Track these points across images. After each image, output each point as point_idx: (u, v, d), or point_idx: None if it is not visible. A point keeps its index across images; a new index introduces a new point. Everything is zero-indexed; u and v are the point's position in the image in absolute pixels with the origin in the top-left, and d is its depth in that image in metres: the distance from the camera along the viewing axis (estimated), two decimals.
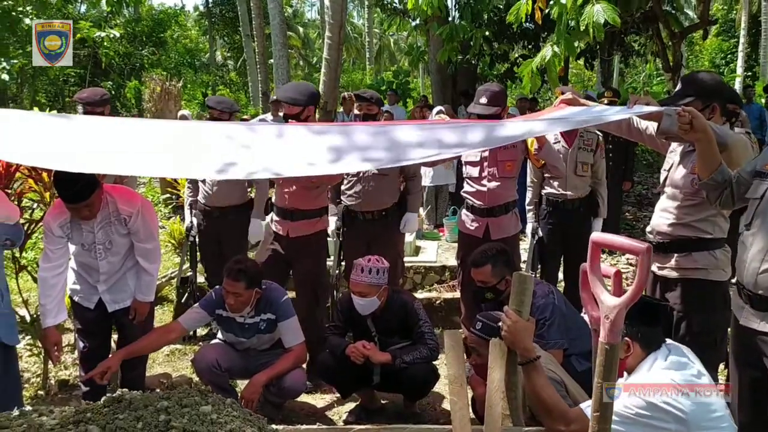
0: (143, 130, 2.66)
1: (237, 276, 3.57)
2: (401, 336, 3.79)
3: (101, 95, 4.73)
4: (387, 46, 36.91)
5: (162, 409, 1.75)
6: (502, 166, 4.29)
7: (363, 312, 3.71)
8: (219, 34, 27.36)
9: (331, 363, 3.80)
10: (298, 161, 2.48)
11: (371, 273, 3.63)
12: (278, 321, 3.74)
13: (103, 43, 14.05)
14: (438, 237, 7.25)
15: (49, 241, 3.53)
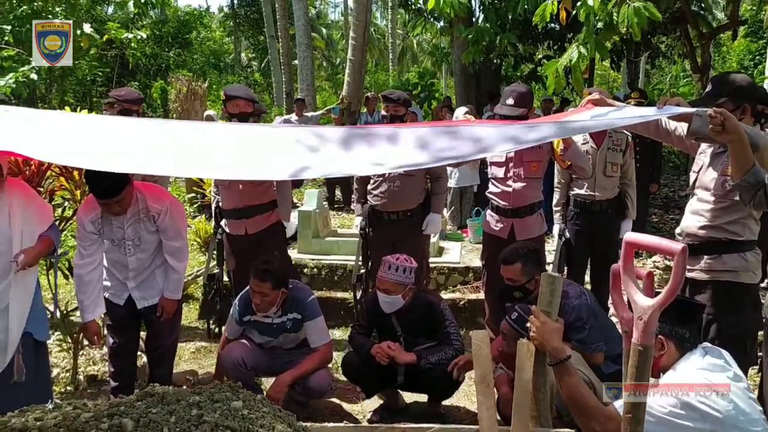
0: (209, 132, 2.77)
1: (264, 276, 3.60)
2: (426, 336, 3.79)
3: (137, 95, 4.88)
4: (410, 47, 36.88)
5: (194, 403, 1.78)
6: (528, 167, 4.27)
7: (387, 310, 3.72)
8: (244, 35, 27.57)
9: (356, 362, 3.81)
10: (364, 161, 2.56)
11: (398, 271, 3.64)
12: (304, 321, 3.77)
13: (130, 44, 14.24)
14: (461, 238, 7.24)
15: (82, 237, 3.60)
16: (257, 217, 4.36)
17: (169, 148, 2.49)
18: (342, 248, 6.24)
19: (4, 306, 3.18)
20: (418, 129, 2.80)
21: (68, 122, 2.85)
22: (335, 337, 5.29)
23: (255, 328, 3.84)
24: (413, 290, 3.73)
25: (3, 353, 3.18)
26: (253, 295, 3.66)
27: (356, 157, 2.50)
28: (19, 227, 3.26)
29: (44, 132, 2.63)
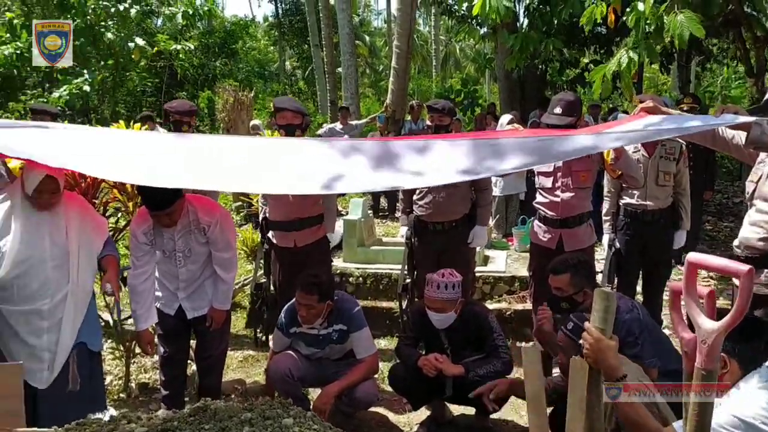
0: (247, 147, 2.89)
1: (310, 289, 3.62)
2: (473, 348, 3.75)
3: (189, 107, 4.99)
4: (453, 52, 36.79)
5: (246, 420, 1.78)
6: (576, 176, 4.19)
7: (440, 326, 3.69)
8: (288, 44, 27.91)
9: (403, 374, 3.79)
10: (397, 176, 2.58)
11: (447, 288, 3.61)
12: (350, 332, 3.77)
13: (178, 56, 14.59)
14: (507, 246, 7.16)
15: (135, 248, 3.68)
16: (306, 230, 4.36)
17: (207, 164, 2.59)
18: (387, 257, 6.23)
19: (58, 319, 3.27)
20: (453, 142, 2.80)
21: (109, 138, 3.00)
22: (381, 346, 5.29)
23: (302, 340, 3.86)
24: (462, 303, 3.70)
25: (52, 364, 3.25)
26: (299, 307, 3.68)
27: (389, 172, 2.52)
28: (75, 241, 3.35)
29: (87, 147, 2.77)
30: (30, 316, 3.24)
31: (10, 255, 3.18)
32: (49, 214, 3.28)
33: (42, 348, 3.27)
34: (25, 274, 3.21)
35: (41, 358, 3.27)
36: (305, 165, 2.64)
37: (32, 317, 3.24)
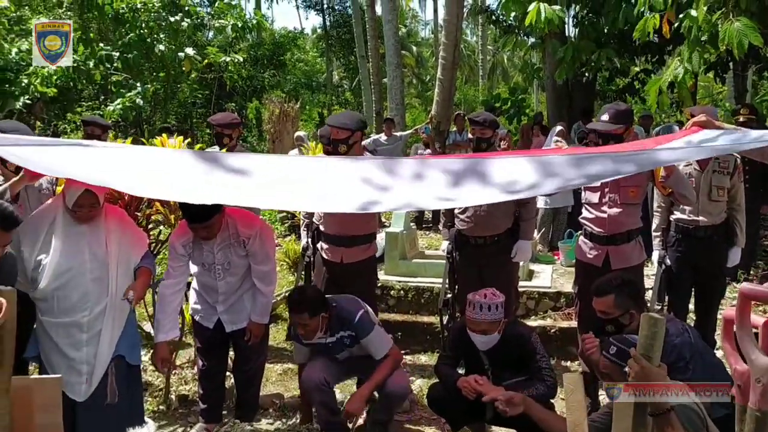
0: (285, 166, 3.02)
1: (299, 308, 3.55)
2: (515, 370, 3.63)
3: (231, 119, 5.00)
4: (500, 62, 36.49)
5: None
6: (625, 192, 4.03)
7: (483, 348, 3.59)
8: (335, 55, 28.14)
9: (442, 394, 3.70)
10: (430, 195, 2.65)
11: (489, 310, 3.49)
12: (359, 338, 3.69)
13: (227, 67, 14.84)
14: (553, 261, 6.98)
15: (172, 258, 3.71)
16: (355, 248, 4.25)
17: (243, 181, 2.71)
18: (429, 270, 6.14)
19: (97, 331, 3.30)
20: (488, 161, 2.77)
21: (145, 156, 3.12)
22: (421, 362, 5.21)
23: (318, 350, 3.80)
24: (505, 323, 3.59)
25: (90, 377, 3.28)
26: (296, 326, 3.63)
27: (424, 192, 2.53)
28: (115, 254, 3.39)
29: (124, 165, 2.92)
30: (70, 329, 3.28)
31: (51, 267, 3.24)
32: (89, 227, 3.33)
33: (81, 360, 3.31)
34: (65, 286, 3.26)
35: (80, 370, 3.31)
36: (340, 184, 2.65)
37: (72, 329, 3.28)
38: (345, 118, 4.28)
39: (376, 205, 2.59)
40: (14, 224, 2.95)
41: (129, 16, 12.91)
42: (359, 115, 4.51)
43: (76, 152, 3.02)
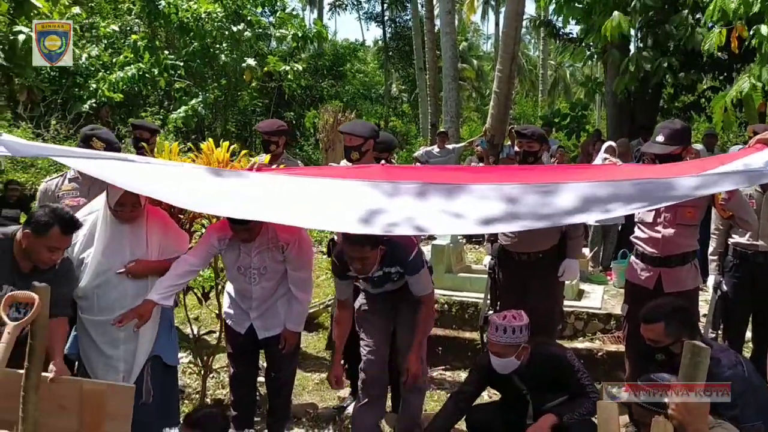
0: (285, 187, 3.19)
1: (362, 241, 3.37)
2: (554, 391, 3.48)
3: (277, 126, 4.96)
4: (563, 77, 35.95)
5: None
6: (682, 212, 3.82)
7: (501, 371, 3.47)
8: (394, 67, 28.24)
9: (482, 418, 3.58)
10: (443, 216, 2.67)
11: (506, 332, 3.37)
12: (407, 274, 3.63)
13: (287, 76, 15.06)
14: (605, 281, 6.73)
15: (202, 243, 3.66)
16: None
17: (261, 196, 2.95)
18: (474, 285, 6.00)
19: (136, 329, 3.32)
20: (510, 186, 2.71)
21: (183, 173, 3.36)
22: (461, 378, 5.07)
23: (362, 279, 3.72)
24: (527, 348, 3.44)
25: (128, 375, 3.31)
26: (352, 261, 3.48)
27: (436, 215, 2.50)
28: (155, 254, 3.43)
29: (163, 178, 3.16)
30: (108, 327, 3.32)
31: (92, 265, 3.29)
32: (131, 226, 3.37)
33: (118, 358, 3.35)
34: (105, 284, 3.31)
35: (117, 368, 3.34)
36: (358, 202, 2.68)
37: (110, 328, 3.31)
38: (358, 126, 4.29)
39: (385, 226, 2.58)
40: (74, 228, 3.05)
41: (193, 26, 13.27)
42: (372, 124, 4.51)
43: (117, 164, 3.20)
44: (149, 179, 3.04)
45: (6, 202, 7.80)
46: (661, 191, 2.51)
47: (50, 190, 4.16)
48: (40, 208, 3.11)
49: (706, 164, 3.19)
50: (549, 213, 2.55)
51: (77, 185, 4.14)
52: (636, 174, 3.34)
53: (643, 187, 2.60)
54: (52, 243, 2.96)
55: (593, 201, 2.54)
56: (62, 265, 3.15)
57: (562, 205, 2.58)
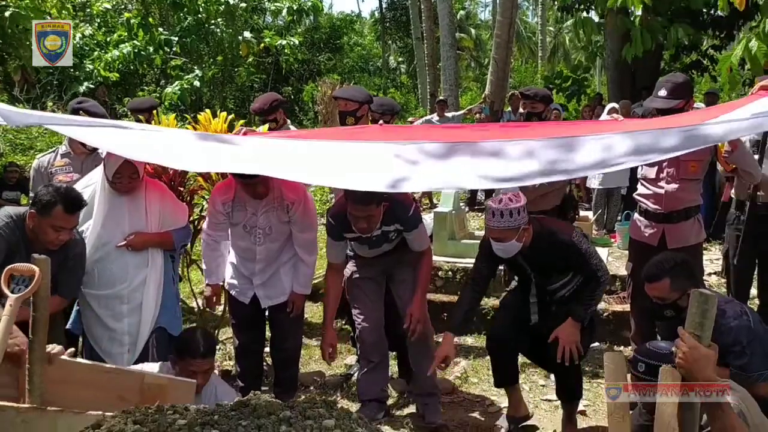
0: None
1: (369, 199, 3.35)
2: (560, 270, 3.46)
3: (270, 103, 4.69)
4: (562, 44, 35.53)
5: (284, 419, 1.66)
6: (685, 167, 3.78)
7: (503, 256, 3.40)
8: (391, 38, 27.97)
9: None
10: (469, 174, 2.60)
11: (504, 216, 3.22)
12: (405, 231, 3.61)
13: (284, 51, 14.91)
14: (609, 243, 6.71)
15: (212, 214, 3.72)
16: None
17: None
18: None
19: (138, 303, 3.32)
20: (527, 141, 2.66)
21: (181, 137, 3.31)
22: (467, 343, 5.09)
23: (356, 242, 3.70)
24: (528, 230, 3.33)
25: (133, 348, 3.31)
26: (356, 220, 3.44)
27: (459, 170, 2.45)
28: (155, 226, 3.42)
29: (162, 143, 3.06)
30: (111, 301, 3.32)
31: (92, 239, 3.28)
32: (130, 198, 3.35)
33: (122, 332, 3.34)
34: (105, 257, 3.30)
35: (122, 341, 3.34)
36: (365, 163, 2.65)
37: (113, 301, 3.32)
38: (353, 91, 4.27)
39: (406, 183, 2.54)
40: (78, 206, 3.01)
41: (187, 1, 13.09)
42: (366, 90, 4.46)
43: (115, 132, 3.14)
44: (147, 144, 2.97)
45: (6, 184, 7.78)
46: (668, 141, 2.46)
47: (43, 167, 4.12)
48: (44, 187, 3.07)
49: (708, 114, 3.14)
50: (564, 167, 2.50)
51: (69, 160, 4.11)
52: (641, 126, 3.29)
53: (651, 137, 2.54)
54: (56, 222, 2.92)
55: (605, 153, 2.49)
56: (76, 248, 3.13)
57: (578, 159, 2.52)
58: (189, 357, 2.96)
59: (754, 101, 2.84)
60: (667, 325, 3.15)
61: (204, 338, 3.05)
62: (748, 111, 2.84)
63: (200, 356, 2.96)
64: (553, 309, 3.48)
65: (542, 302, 3.51)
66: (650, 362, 2.51)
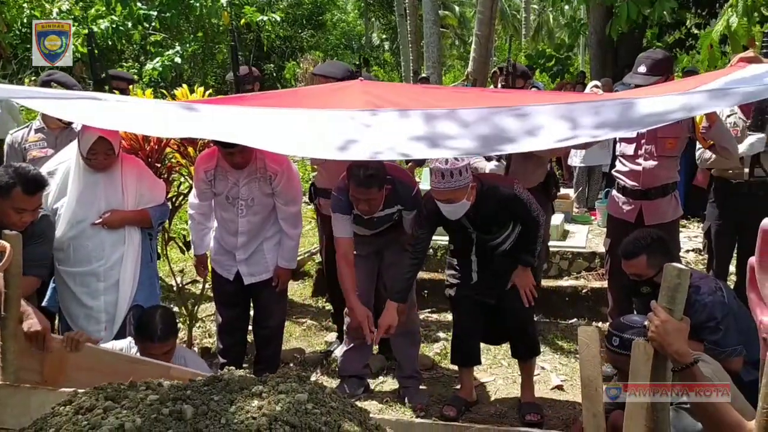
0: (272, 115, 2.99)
1: (370, 183, 3.33)
2: (499, 224, 3.50)
3: (247, 73, 4.88)
4: (546, 22, 35.42)
5: (257, 393, 1.66)
6: (662, 144, 3.81)
7: (453, 217, 3.39)
8: (375, 15, 27.69)
9: None
10: (421, 142, 2.52)
11: (453, 176, 3.19)
12: (403, 211, 3.61)
13: (265, 27, 14.71)
14: (589, 221, 6.74)
15: (196, 182, 3.72)
16: None
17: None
18: None
19: (115, 280, 3.29)
20: (483, 110, 2.64)
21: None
22: (447, 320, 5.08)
23: (358, 221, 3.67)
24: (474, 187, 3.32)
25: (110, 325, 3.28)
26: (358, 202, 3.43)
27: (412, 138, 2.43)
28: (132, 203, 3.36)
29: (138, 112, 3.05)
30: (87, 278, 3.28)
31: (66, 216, 3.23)
32: (105, 175, 3.30)
33: (99, 309, 3.31)
34: (80, 235, 3.26)
35: (98, 319, 3.31)
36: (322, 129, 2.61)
37: (89, 279, 3.28)
38: (330, 67, 4.24)
39: (357, 150, 2.53)
40: (38, 187, 2.92)
41: None
42: (347, 66, 4.39)
43: (89, 104, 3.06)
44: (123, 114, 2.92)
45: None
46: (642, 113, 2.44)
47: (16, 142, 4.05)
48: (3, 167, 2.98)
49: (685, 85, 3.14)
50: (529, 137, 2.47)
51: (44, 135, 4.04)
52: (618, 97, 3.28)
53: (626, 108, 2.51)
54: (17, 204, 2.84)
55: (577, 123, 2.46)
56: (38, 224, 3.04)
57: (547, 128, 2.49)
58: (147, 341, 2.91)
59: (733, 73, 2.84)
60: (643, 302, 3.17)
61: (162, 321, 2.95)
62: (727, 81, 2.83)
63: (158, 340, 2.90)
64: (495, 264, 3.52)
65: (482, 260, 3.53)
66: (624, 336, 2.54)
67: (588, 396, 2.10)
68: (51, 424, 1.73)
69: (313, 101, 3.34)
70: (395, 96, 3.38)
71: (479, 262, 3.55)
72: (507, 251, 3.53)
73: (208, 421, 1.57)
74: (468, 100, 3.40)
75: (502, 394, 3.93)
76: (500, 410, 3.73)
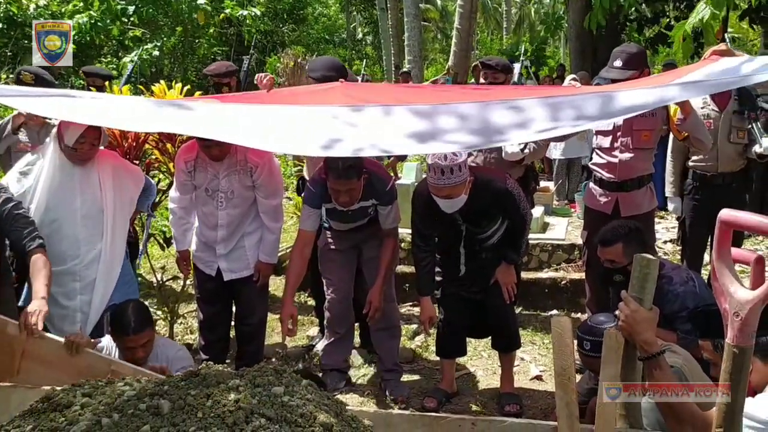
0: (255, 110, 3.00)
1: (349, 173, 3.33)
2: (489, 217, 3.51)
3: (226, 68, 4.95)
4: (527, 15, 35.54)
5: (233, 387, 1.68)
6: (638, 136, 3.86)
7: (450, 211, 3.40)
8: (357, 9, 27.63)
9: None
10: (405, 138, 2.52)
11: (453, 172, 3.19)
12: (380, 205, 3.61)
13: (245, 21, 14.62)
14: (569, 213, 6.81)
15: (177, 173, 3.70)
16: None
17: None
18: None
19: (92, 279, 3.25)
20: (465, 105, 2.65)
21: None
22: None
23: (333, 217, 3.69)
24: (471, 181, 3.34)
25: (84, 325, 3.23)
26: (337, 194, 3.43)
27: (395, 135, 2.44)
28: (111, 198, 3.32)
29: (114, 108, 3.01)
30: (62, 277, 3.21)
31: (37, 214, 3.17)
32: (82, 170, 3.26)
33: (75, 309, 3.26)
34: (55, 233, 3.20)
35: (74, 318, 3.25)
36: (305, 126, 2.61)
37: (65, 278, 3.22)
38: (322, 64, 4.18)
39: (339, 147, 2.52)
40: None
41: None
42: (338, 62, 4.33)
43: (67, 101, 3.06)
44: (100, 110, 2.92)
45: None
46: (618, 103, 2.47)
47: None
48: None
49: (661, 79, 3.18)
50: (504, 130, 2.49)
51: (25, 130, 4.01)
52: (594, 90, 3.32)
53: (605, 99, 2.54)
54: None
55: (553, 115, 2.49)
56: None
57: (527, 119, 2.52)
58: (122, 334, 2.93)
59: (705, 66, 2.89)
60: (616, 290, 3.23)
61: (135, 313, 2.96)
62: (701, 74, 2.88)
63: (132, 332, 2.90)
64: (482, 257, 3.55)
65: (470, 252, 3.56)
66: (594, 339, 2.59)
67: (561, 385, 2.14)
68: (29, 422, 1.74)
69: (295, 100, 3.36)
70: (376, 96, 3.41)
71: (467, 254, 3.57)
72: (494, 245, 3.56)
73: (185, 416, 1.58)
74: (450, 98, 3.42)
75: (482, 385, 3.98)
76: (480, 401, 3.77)
